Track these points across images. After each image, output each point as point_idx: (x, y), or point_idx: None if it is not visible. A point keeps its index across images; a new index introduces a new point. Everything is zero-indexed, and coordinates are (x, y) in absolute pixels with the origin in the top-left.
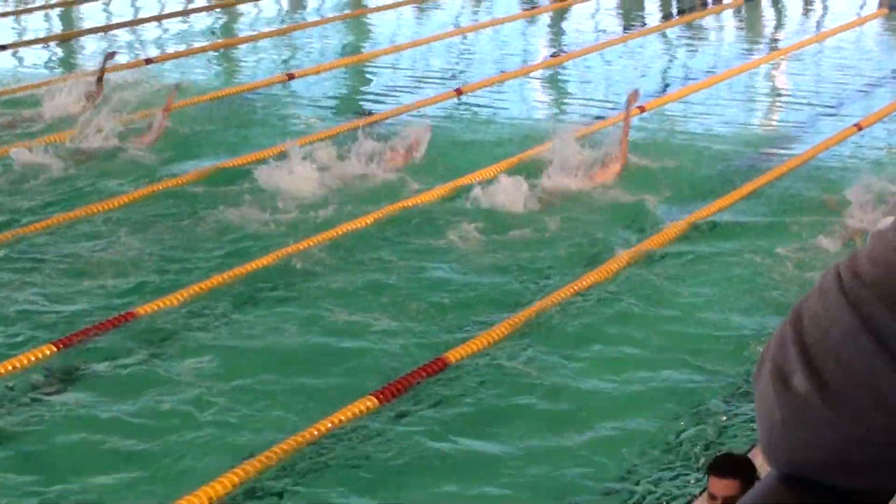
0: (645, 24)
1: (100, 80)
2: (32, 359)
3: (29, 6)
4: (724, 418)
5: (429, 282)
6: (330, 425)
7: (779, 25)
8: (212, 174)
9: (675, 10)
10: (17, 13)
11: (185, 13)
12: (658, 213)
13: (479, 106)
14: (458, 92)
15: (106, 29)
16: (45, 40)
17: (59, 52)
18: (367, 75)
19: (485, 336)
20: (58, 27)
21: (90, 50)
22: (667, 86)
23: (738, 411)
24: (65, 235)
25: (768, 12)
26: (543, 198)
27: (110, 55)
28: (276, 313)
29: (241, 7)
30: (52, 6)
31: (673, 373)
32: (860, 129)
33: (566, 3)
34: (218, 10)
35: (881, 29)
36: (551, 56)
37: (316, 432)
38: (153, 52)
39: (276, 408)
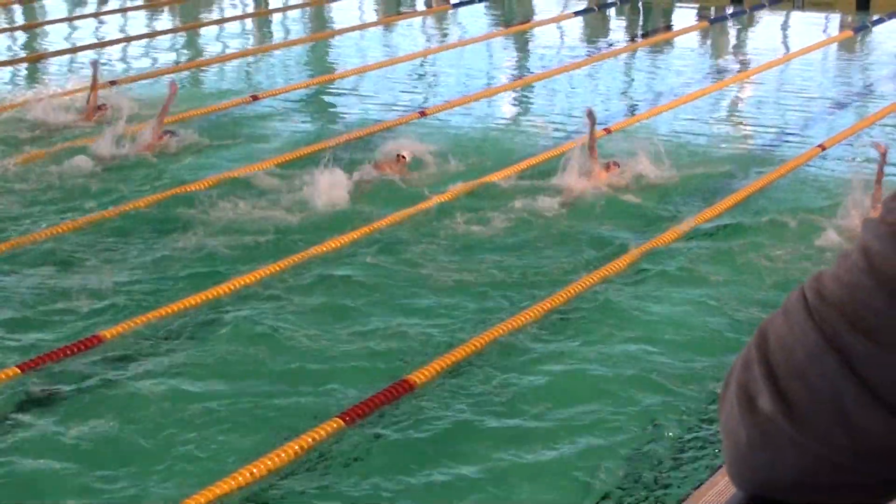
0: (611, 46)
1: (93, 87)
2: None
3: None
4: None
5: (397, 305)
6: (298, 448)
7: (743, 48)
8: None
9: (640, 33)
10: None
11: (132, 39)
12: (619, 238)
13: (441, 128)
14: (422, 113)
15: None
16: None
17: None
18: (330, 97)
19: (449, 356)
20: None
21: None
22: (632, 108)
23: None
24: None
25: (733, 34)
26: (506, 220)
27: (95, 63)
28: (240, 337)
29: (204, 29)
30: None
31: (639, 393)
32: (824, 149)
33: (529, 26)
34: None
35: (846, 51)
36: (515, 79)
37: (283, 455)
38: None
39: (240, 432)
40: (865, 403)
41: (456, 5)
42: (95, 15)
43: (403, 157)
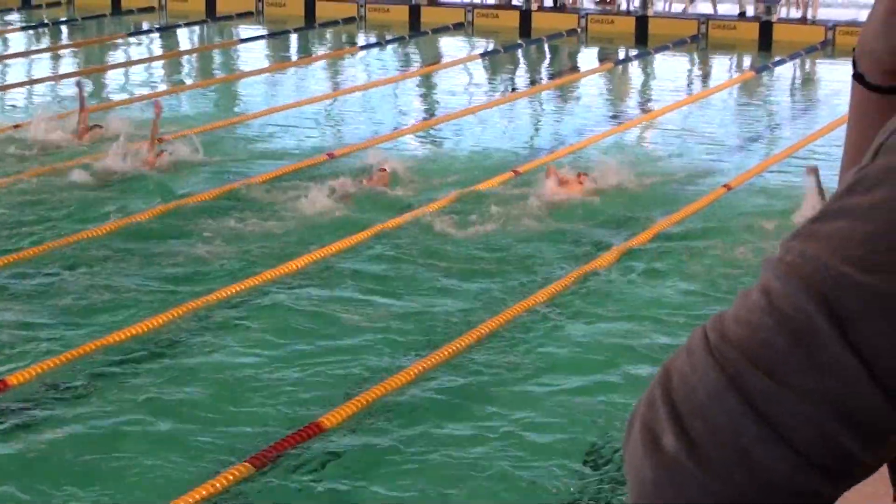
0: (515, 88)
1: (81, 109)
2: None
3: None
4: None
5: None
6: (204, 492)
7: (649, 88)
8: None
9: (545, 74)
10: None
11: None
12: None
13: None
14: (330, 156)
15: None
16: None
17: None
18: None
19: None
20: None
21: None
22: (537, 149)
23: None
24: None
25: (639, 75)
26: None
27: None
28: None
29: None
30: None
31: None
32: (729, 189)
33: (436, 67)
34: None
35: (750, 90)
36: (424, 119)
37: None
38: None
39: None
40: (768, 442)
41: (363, 47)
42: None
43: (384, 169)
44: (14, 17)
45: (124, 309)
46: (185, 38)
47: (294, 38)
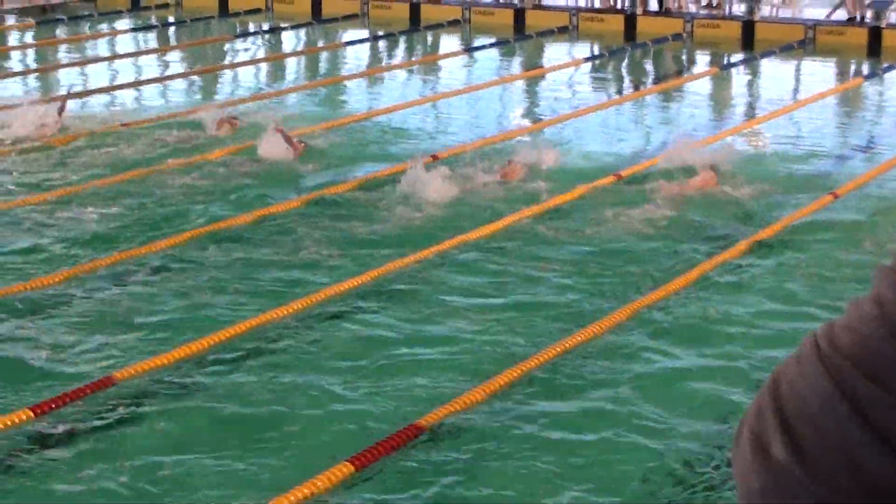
0: (620, 92)
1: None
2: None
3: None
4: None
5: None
6: (306, 492)
7: (755, 93)
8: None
9: (649, 79)
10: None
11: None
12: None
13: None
14: (434, 158)
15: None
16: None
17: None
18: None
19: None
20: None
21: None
22: (640, 153)
23: None
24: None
25: (745, 80)
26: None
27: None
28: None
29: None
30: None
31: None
32: (836, 196)
33: (540, 71)
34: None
35: (858, 97)
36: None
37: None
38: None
39: (252, 473)
40: (877, 450)
41: (467, 50)
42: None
43: (518, 166)
44: (124, 18)
45: (229, 308)
46: (291, 39)
47: (399, 40)
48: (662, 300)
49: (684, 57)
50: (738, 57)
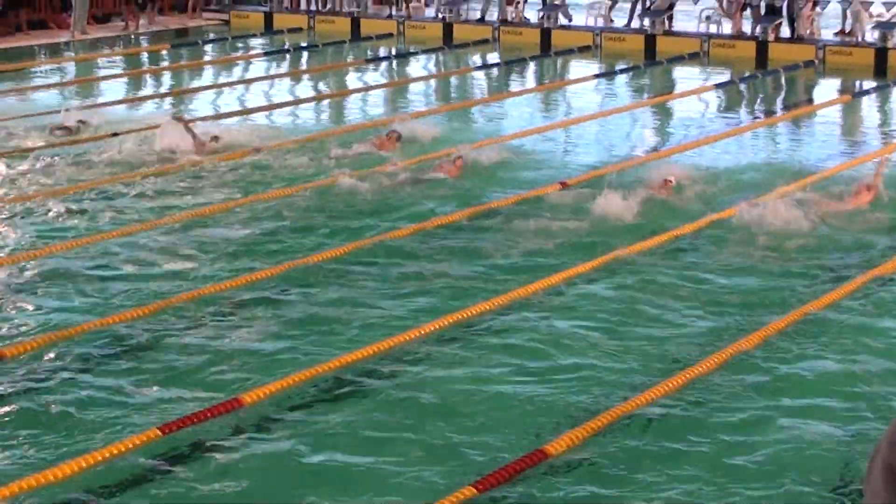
0: (755, 118)
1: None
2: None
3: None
4: None
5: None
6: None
7: (888, 121)
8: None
9: (780, 106)
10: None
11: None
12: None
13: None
14: (563, 185)
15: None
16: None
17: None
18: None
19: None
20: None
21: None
22: (772, 180)
23: None
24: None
25: (877, 108)
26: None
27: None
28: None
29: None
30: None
31: None
32: None
33: (669, 97)
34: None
35: None
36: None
37: None
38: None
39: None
40: None
41: (598, 76)
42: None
43: (670, 181)
44: (257, 42)
45: (370, 325)
46: (422, 64)
47: (530, 66)
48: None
49: (816, 85)
50: (870, 84)
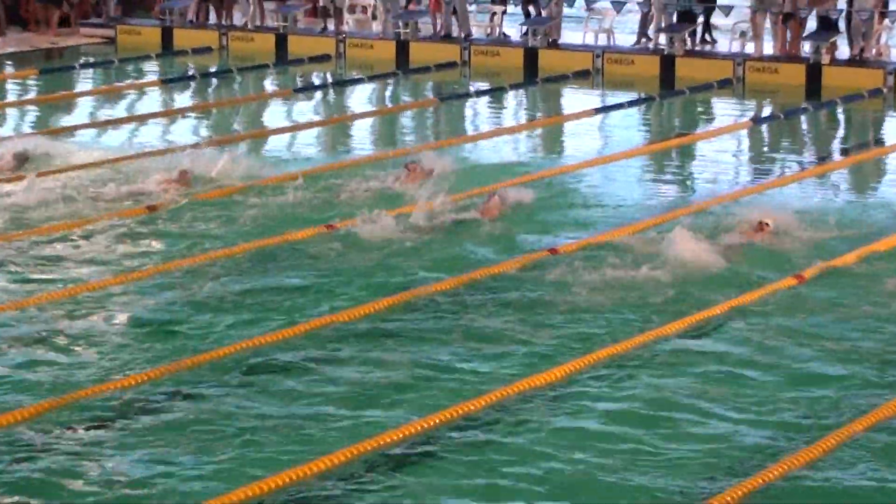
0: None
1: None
2: None
3: None
4: None
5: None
6: None
7: None
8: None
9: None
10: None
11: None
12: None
13: None
14: None
15: None
16: None
17: None
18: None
19: None
20: None
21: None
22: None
23: None
24: None
25: None
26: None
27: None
28: None
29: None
30: None
31: None
32: None
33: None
34: None
35: None
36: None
37: None
38: None
39: None
40: None
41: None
42: None
43: (767, 224)
44: (151, 66)
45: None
46: (368, 94)
47: (509, 95)
48: None
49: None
50: None
